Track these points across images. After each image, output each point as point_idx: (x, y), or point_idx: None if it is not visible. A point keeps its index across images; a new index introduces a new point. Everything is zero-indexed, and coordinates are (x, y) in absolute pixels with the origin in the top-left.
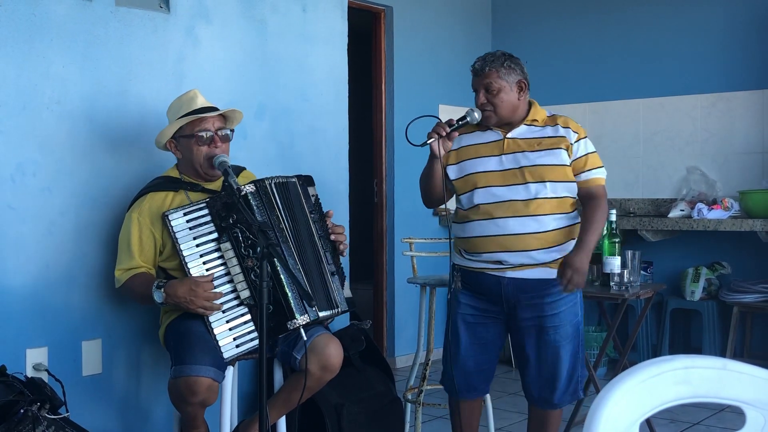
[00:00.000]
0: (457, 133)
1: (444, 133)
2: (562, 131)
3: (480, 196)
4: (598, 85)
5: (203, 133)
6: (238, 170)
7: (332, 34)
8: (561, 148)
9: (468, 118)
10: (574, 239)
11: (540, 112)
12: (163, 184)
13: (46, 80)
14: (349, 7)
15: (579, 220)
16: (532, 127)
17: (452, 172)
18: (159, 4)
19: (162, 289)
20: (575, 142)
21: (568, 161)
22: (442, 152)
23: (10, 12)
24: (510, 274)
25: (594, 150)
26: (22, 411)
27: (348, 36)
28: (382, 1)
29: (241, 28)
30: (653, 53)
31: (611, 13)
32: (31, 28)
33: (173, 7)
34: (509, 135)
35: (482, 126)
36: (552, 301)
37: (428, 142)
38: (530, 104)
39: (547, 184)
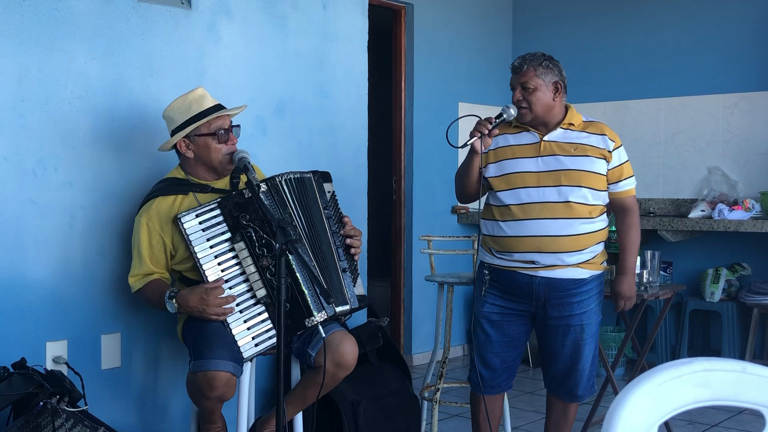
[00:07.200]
0: (497, 131)
1: (486, 131)
2: (599, 139)
3: (516, 196)
4: (619, 83)
5: (222, 131)
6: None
7: (353, 32)
8: (598, 157)
9: (504, 115)
10: (601, 242)
11: (576, 117)
12: (170, 187)
13: (68, 75)
14: (369, 5)
15: (606, 224)
16: (569, 131)
17: (489, 171)
18: (180, 0)
19: (174, 300)
20: (613, 150)
21: (604, 170)
22: (483, 149)
23: (33, 7)
24: (542, 273)
25: (627, 158)
26: (41, 403)
27: (368, 33)
28: None
29: (261, 24)
30: (675, 52)
31: (633, 11)
32: (53, 23)
33: (195, 3)
34: (546, 138)
35: (519, 127)
36: (580, 300)
37: (470, 142)
38: (567, 108)
39: (583, 189)
